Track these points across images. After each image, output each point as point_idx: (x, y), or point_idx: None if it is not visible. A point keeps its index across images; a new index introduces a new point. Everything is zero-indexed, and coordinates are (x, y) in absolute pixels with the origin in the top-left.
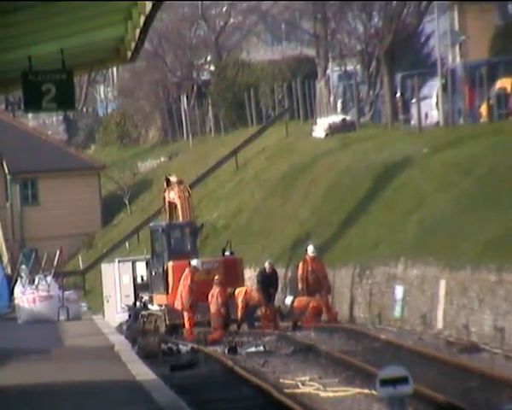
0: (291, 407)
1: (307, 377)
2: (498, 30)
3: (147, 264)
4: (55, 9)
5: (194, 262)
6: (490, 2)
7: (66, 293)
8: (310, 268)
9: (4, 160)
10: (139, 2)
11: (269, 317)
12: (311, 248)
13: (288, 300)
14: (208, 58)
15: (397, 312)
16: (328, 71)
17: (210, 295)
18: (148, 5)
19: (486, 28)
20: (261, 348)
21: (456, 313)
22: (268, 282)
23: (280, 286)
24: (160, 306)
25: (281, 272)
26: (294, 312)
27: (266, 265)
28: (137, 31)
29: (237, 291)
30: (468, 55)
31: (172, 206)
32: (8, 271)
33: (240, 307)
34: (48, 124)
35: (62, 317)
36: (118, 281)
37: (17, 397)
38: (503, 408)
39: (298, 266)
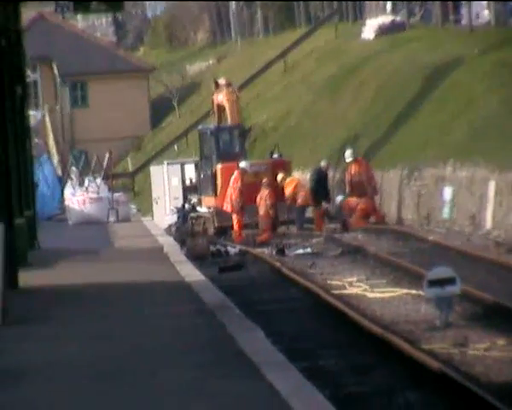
0: (338, 308)
1: (355, 279)
2: None
3: (195, 166)
4: None
5: (242, 164)
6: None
7: (116, 195)
8: (353, 171)
9: (54, 62)
10: None
11: (322, 216)
12: (347, 154)
13: (339, 198)
14: None
15: (445, 213)
16: None
17: (258, 198)
18: None
19: None
20: (309, 250)
21: (505, 213)
22: (323, 181)
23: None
24: (209, 208)
25: (329, 174)
26: (343, 213)
27: (322, 163)
28: None
29: (288, 180)
30: None
31: (221, 108)
32: (59, 173)
33: (288, 194)
34: (97, 26)
35: (112, 218)
36: (167, 183)
37: (66, 297)
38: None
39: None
